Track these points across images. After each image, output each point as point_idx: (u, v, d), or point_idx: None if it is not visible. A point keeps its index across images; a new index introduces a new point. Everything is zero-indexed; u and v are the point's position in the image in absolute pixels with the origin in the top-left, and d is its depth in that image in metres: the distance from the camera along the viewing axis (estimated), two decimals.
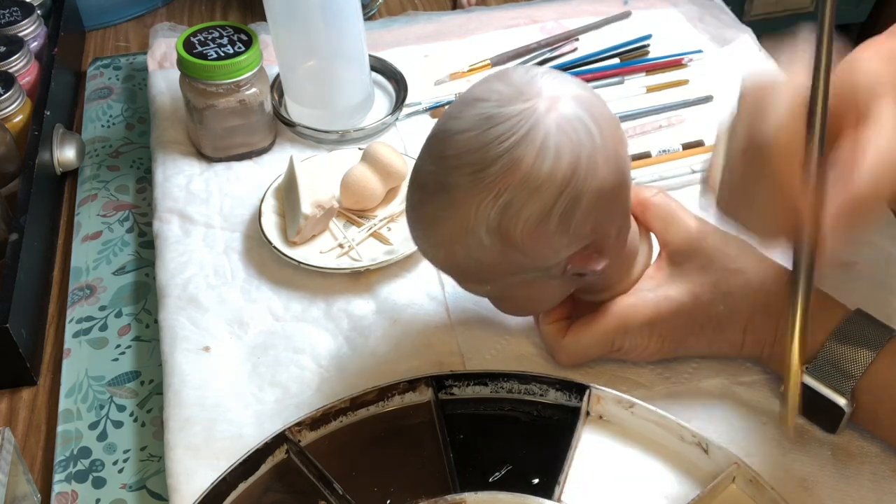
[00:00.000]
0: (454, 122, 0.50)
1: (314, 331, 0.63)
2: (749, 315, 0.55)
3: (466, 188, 0.49)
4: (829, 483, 0.53)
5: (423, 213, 0.52)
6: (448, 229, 0.50)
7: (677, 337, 0.56)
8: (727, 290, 0.54)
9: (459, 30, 0.93)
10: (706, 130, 0.78)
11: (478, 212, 0.49)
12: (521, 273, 0.52)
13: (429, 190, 0.51)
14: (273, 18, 0.75)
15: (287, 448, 0.54)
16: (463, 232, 0.50)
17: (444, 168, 0.50)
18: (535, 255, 0.50)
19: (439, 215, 0.51)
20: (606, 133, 0.49)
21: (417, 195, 0.53)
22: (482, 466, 0.53)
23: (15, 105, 0.75)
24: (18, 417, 0.61)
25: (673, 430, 0.53)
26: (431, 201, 0.51)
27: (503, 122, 0.48)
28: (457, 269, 0.54)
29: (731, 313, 0.55)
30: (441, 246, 0.52)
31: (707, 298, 0.54)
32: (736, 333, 0.56)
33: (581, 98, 0.49)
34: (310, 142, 0.80)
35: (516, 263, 0.51)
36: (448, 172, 0.49)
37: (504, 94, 0.49)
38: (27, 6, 0.86)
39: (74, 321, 0.66)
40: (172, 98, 0.83)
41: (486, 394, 0.57)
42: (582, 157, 0.48)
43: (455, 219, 0.50)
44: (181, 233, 0.70)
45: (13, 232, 0.64)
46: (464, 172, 0.49)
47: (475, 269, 0.52)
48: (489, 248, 0.50)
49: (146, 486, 0.56)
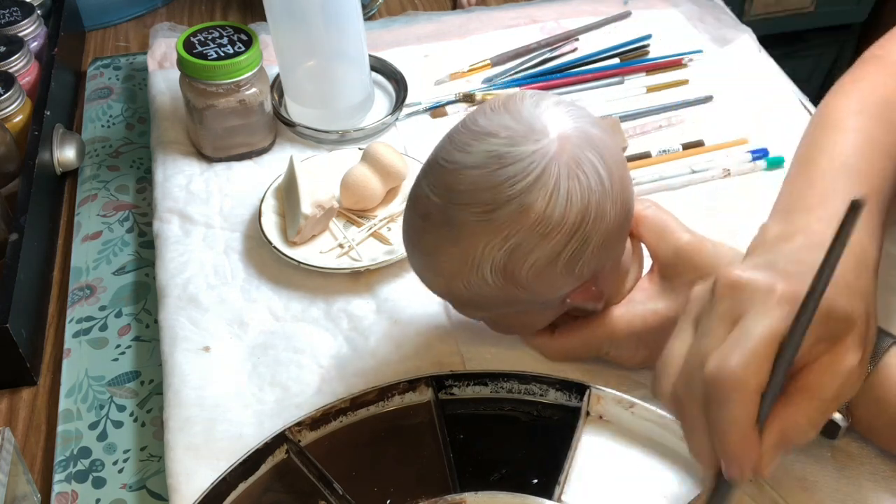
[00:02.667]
0: (462, 155, 0.50)
1: (314, 331, 0.63)
2: None
3: (474, 227, 0.49)
4: (828, 483, 0.53)
5: (425, 242, 0.52)
6: (450, 263, 0.51)
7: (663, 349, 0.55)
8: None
9: (459, 30, 0.93)
10: (706, 130, 0.78)
11: (484, 251, 0.49)
12: (518, 306, 0.53)
13: (433, 221, 0.51)
14: (273, 18, 0.75)
15: (287, 448, 0.54)
16: (466, 268, 0.50)
17: (452, 203, 0.50)
18: (537, 294, 0.52)
19: (442, 248, 0.51)
20: (615, 175, 0.50)
21: (419, 223, 0.52)
22: (482, 466, 0.54)
23: (15, 105, 0.75)
24: (18, 417, 0.61)
25: (673, 430, 0.53)
26: (435, 232, 0.51)
27: (514, 164, 0.48)
28: (454, 298, 0.55)
29: None
30: (441, 276, 0.53)
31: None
32: None
33: (591, 138, 0.50)
34: (310, 142, 0.80)
35: (516, 299, 0.52)
36: (456, 209, 0.50)
37: (514, 131, 0.49)
38: (27, 6, 0.86)
39: (74, 321, 0.66)
40: (172, 98, 0.83)
41: (486, 394, 0.57)
42: (592, 203, 0.49)
43: (459, 254, 0.50)
44: (181, 233, 0.70)
45: (13, 232, 0.64)
46: (473, 211, 0.49)
47: (473, 301, 0.53)
48: (491, 286, 0.51)
49: (146, 486, 0.56)
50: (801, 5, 1.63)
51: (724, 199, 0.72)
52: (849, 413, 0.51)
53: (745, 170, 0.74)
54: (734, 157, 0.75)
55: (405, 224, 0.55)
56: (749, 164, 0.74)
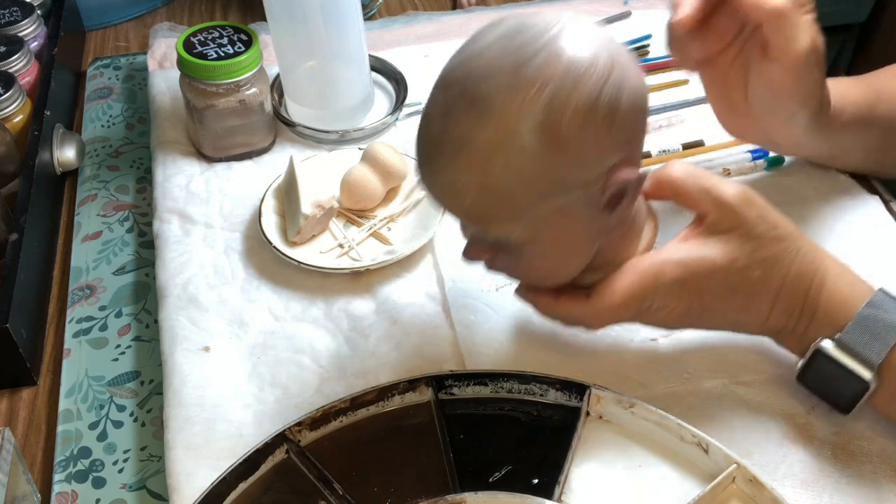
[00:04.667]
0: (474, 44, 0.48)
1: (314, 331, 0.63)
2: (782, 282, 0.53)
3: (505, 90, 0.46)
4: (829, 483, 0.53)
5: (450, 139, 0.48)
6: (484, 142, 0.47)
7: (707, 300, 0.53)
8: (764, 257, 0.53)
9: (459, 30, 0.93)
10: (706, 130, 0.78)
11: (520, 112, 0.46)
12: (559, 194, 0.49)
13: (456, 111, 0.47)
14: (273, 18, 0.75)
15: (287, 448, 0.54)
16: (503, 139, 0.46)
17: (474, 81, 0.47)
18: (580, 158, 0.47)
19: (471, 133, 0.47)
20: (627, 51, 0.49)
21: (439, 124, 0.48)
22: (482, 466, 0.54)
23: (15, 105, 0.75)
24: (18, 417, 0.61)
25: (673, 430, 0.53)
26: (460, 122, 0.47)
27: (532, 28, 0.47)
28: (486, 198, 0.49)
29: (765, 280, 0.53)
30: (473, 167, 0.47)
31: (744, 263, 0.52)
32: (765, 302, 0.54)
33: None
34: (310, 142, 0.80)
35: (558, 175, 0.48)
36: (479, 84, 0.46)
37: (522, 17, 0.48)
38: (27, 6, 0.86)
39: (74, 321, 0.66)
40: (172, 98, 0.83)
41: (486, 394, 0.57)
42: (615, 53, 0.47)
43: (493, 127, 0.46)
44: (181, 233, 0.70)
45: (13, 232, 0.64)
46: (501, 74, 0.46)
47: (510, 194, 0.48)
48: (532, 154, 0.46)
49: (146, 486, 0.56)
50: None
51: None
52: (878, 375, 0.51)
53: (745, 170, 0.74)
54: (734, 156, 0.75)
55: (419, 145, 0.50)
56: (749, 164, 0.74)
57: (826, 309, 0.53)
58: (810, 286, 0.53)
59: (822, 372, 0.53)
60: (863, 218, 0.69)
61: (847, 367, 0.51)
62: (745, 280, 0.53)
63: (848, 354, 0.51)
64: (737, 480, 0.52)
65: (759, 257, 0.53)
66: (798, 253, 0.53)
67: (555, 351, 0.61)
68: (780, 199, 0.71)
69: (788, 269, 0.53)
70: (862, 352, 0.51)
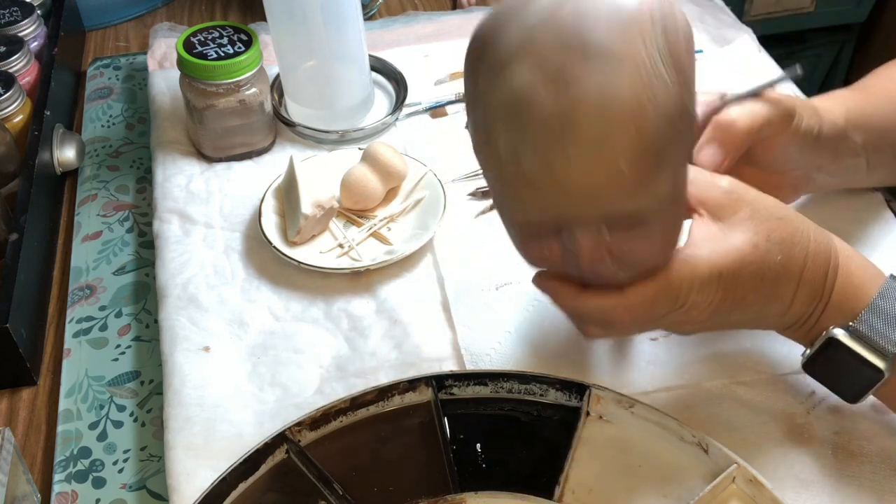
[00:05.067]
0: (534, 5, 0.43)
1: (314, 331, 0.63)
2: (803, 263, 0.51)
3: (620, 29, 0.42)
4: (829, 483, 0.53)
5: (581, 104, 0.42)
6: (629, 87, 0.42)
7: (739, 292, 0.51)
8: (781, 238, 0.51)
9: (459, 30, 0.93)
10: None
11: (646, 44, 0.42)
12: (688, 134, 0.47)
13: (571, 71, 0.42)
14: (273, 18, 0.75)
15: (287, 448, 0.54)
16: (646, 75, 0.42)
17: (575, 34, 0.42)
18: (691, 84, 0.45)
19: (608, 83, 0.42)
20: None
21: (552, 95, 0.42)
22: (482, 466, 0.54)
23: (15, 105, 0.75)
24: (18, 417, 0.61)
25: (673, 430, 0.53)
26: (586, 79, 0.42)
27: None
28: (643, 152, 0.44)
29: (787, 262, 0.51)
30: (625, 121, 0.43)
31: (765, 247, 0.50)
32: (790, 288, 0.52)
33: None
34: (310, 142, 0.80)
35: (686, 106, 0.45)
36: (586, 34, 0.42)
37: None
38: (27, 6, 0.86)
39: (74, 321, 0.66)
40: (172, 98, 0.83)
41: (486, 394, 0.57)
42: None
43: (629, 69, 0.42)
44: (181, 233, 0.71)
45: (13, 232, 0.64)
46: (605, 16, 0.42)
47: (663, 137, 0.44)
48: (670, 85, 0.43)
49: (146, 486, 0.56)
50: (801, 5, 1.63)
51: None
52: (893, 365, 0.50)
53: None
54: None
55: (511, 139, 0.44)
56: None
57: (840, 294, 0.52)
58: (828, 267, 0.52)
59: (832, 361, 0.52)
60: (864, 218, 0.69)
61: (861, 355, 0.50)
62: (770, 265, 0.51)
63: (861, 343, 0.50)
64: (737, 480, 0.52)
65: (776, 239, 0.51)
66: (810, 232, 0.52)
67: (555, 351, 0.61)
68: None
69: (807, 249, 0.51)
70: (877, 340, 0.50)
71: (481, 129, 0.47)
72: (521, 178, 0.45)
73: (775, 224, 0.51)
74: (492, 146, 0.45)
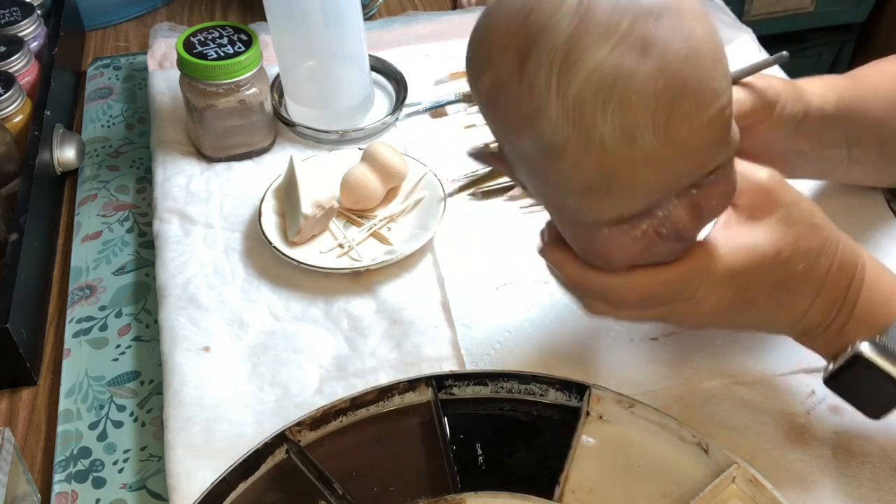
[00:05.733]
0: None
1: (314, 331, 0.63)
2: (825, 274, 0.50)
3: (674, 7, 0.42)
4: (829, 483, 0.53)
5: (677, 54, 0.41)
6: (702, 30, 0.42)
7: (752, 294, 0.50)
8: (808, 247, 0.49)
9: (459, 30, 0.93)
10: None
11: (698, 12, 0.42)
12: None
13: (653, 35, 0.41)
14: (273, 18, 0.75)
15: (287, 448, 0.54)
16: (703, 15, 0.43)
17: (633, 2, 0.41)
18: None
19: (688, 32, 0.41)
20: None
21: (653, 52, 0.40)
22: (482, 466, 0.54)
23: (15, 105, 0.75)
24: (18, 417, 0.61)
25: (673, 430, 0.53)
26: (668, 35, 0.41)
27: None
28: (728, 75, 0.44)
29: (809, 271, 0.50)
30: (713, 58, 0.43)
31: (788, 254, 0.49)
32: (806, 298, 0.51)
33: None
34: (310, 142, 0.80)
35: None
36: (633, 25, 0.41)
37: None
38: (27, 6, 0.86)
39: (74, 321, 0.66)
40: (172, 98, 0.83)
41: (486, 394, 0.57)
42: None
43: (690, 13, 0.42)
44: (181, 233, 0.71)
45: (13, 232, 0.64)
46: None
47: (728, 68, 0.44)
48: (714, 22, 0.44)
49: (146, 486, 0.56)
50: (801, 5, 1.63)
51: None
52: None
53: None
54: None
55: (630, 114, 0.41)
56: None
57: (866, 307, 0.50)
58: (852, 280, 0.50)
59: (856, 377, 0.50)
60: (866, 218, 0.69)
61: (888, 372, 0.48)
62: (790, 273, 0.50)
63: (888, 359, 0.49)
64: (737, 480, 0.52)
65: (803, 247, 0.49)
66: (839, 243, 0.50)
67: (555, 351, 0.61)
68: None
69: (832, 261, 0.50)
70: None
71: (565, 123, 0.42)
72: (638, 159, 0.42)
73: (806, 231, 0.50)
74: (586, 135, 0.42)
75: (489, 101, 0.45)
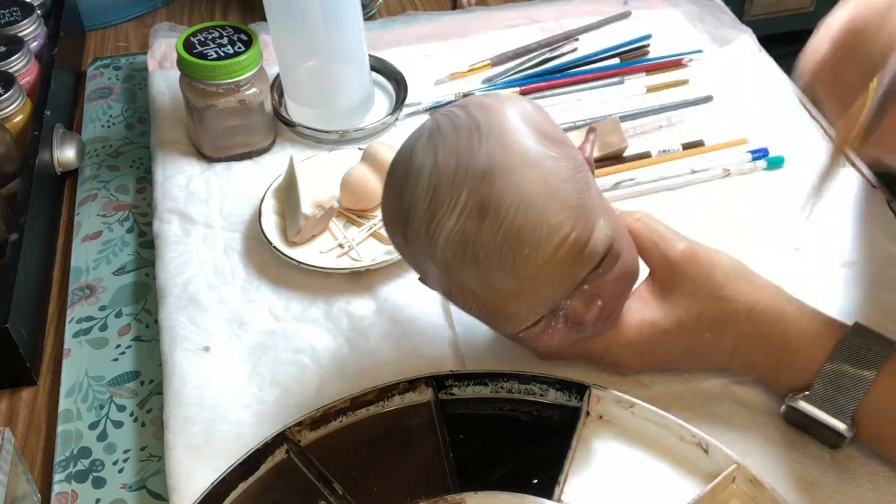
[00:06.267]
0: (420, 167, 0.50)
1: (314, 331, 0.63)
2: (735, 343, 0.55)
3: (501, 146, 0.49)
4: (829, 483, 0.53)
5: (512, 209, 0.48)
6: (535, 179, 0.48)
7: (660, 358, 0.56)
8: (713, 318, 0.54)
9: (459, 30, 0.93)
10: (706, 130, 0.78)
11: (522, 142, 0.49)
12: (591, 178, 0.53)
13: (489, 196, 0.48)
14: (273, 18, 0.75)
15: (287, 448, 0.54)
16: (538, 164, 0.49)
17: (469, 168, 0.48)
18: (569, 141, 0.53)
19: (519, 186, 0.48)
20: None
21: (490, 212, 0.48)
22: (482, 466, 0.54)
23: (15, 105, 0.75)
24: (18, 417, 0.61)
25: (673, 430, 0.53)
26: (502, 194, 0.48)
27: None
28: (572, 205, 0.50)
29: (716, 340, 0.55)
30: (548, 198, 0.49)
31: (692, 327, 0.54)
32: (721, 357, 0.56)
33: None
34: (310, 142, 0.80)
35: (576, 160, 0.51)
36: (477, 162, 0.48)
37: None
38: (27, 6, 0.86)
39: (74, 321, 0.66)
40: (172, 98, 0.83)
41: (486, 394, 0.57)
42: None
43: (525, 166, 0.48)
44: (181, 233, 0.71)
45: (13, 232, 0.64)
46: (486, 145, 0.49)
47: (578, 193, 0.50)
48: (558, 157, 0.50)
49: (146, 486, 0.56)
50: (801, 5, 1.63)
51: (725, 199, 0.72)
52: (854, 424, 0.51)
53: (745, 170, 0.74)
54: (734, 157, 0.75)
55: (482, 265, 0.49)
56: (749, 164, 0.74)
57: (791, 364, 0.53)
58: (769, 343, 0.54)
59: (802, 420, 0.53)
60: (865, 217, 0.69)
61: (821, 420, 0.52)
62: (697, 340, 0.55)
63: (820, 409, 0.52)
64: (737, 480, 0.52)
65: (706, 320, 0.54)
66: (752, 312, 0.54)
67: None
68: (779, 199, 0.71)
69: (740, 330, 0.54)
70: (831, 406, 0.51)
71: (442, 277, 0.51)
72: (503, 296, 0.50)
73: (711, 304, 0.54)
74: (459, 285, 0.50)
75: (401, 254, 0.55)
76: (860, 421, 0.51)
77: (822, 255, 0.66)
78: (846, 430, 0.51)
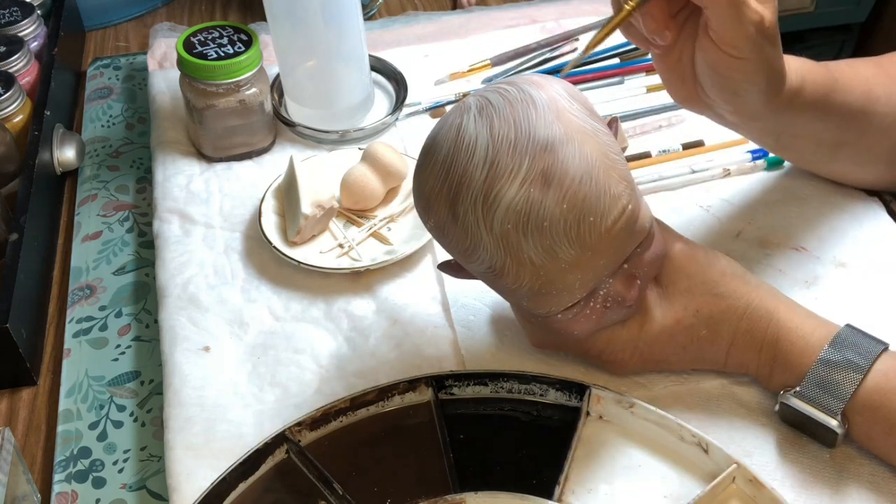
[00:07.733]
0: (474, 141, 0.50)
1: (314, 331, 0.63)
2: (731, 339, 0.55)
3: (554, 118, 0.50)
4: (829, 483, 0.53)
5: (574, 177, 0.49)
6: (592, 149, 0.49)
7: (658, 356, 0.57)
8: (709, 314, 0.55)
9: (459, 30, 0.93)
10: (706, 130, 0.78)
11: (574, 114, 0.50)
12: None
13: (550, 165, 0.48)
14: (273, 18, 0.75)
15: (287, 448, 0.54)
16: (593, 134, 0.50)
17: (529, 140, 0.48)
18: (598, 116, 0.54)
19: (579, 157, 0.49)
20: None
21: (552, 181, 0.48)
22: (482, 466, 0.54)
23: (15, 105, 0.75)
24: (18, 417, 0.61)
25: (673, 430, 0.53)
26: (562, 163, 0.48)
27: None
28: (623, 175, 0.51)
29: (713, 337, 0.55)
30: (603, 168, 0.49)
31: (689, 323, 0.55)
32: (718, 354, 0.56)
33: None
34: (310, 142, 0.80)
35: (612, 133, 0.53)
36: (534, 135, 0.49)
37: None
38: (27, 6, 0.86)
39: (74, 321, 0.66)
40: (172, 98, 0.83)
41: (486, 394, 0.57)
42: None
43: (580, 137, 0.49)
44: (181, 233, 0.71)
45: (13, 232, 0.64)
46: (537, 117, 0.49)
47: (623, 164, 0.51)
48: (605, 129, 0.51)
49: (146, 486, 0.56)
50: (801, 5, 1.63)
51: (725, 199, 0.72)
52: (845, 420, 0.51)
53: (745, 170, 0.74)
54: (734, 156, 0.75)
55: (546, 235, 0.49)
56: (749, 164, 0.74)
57: (784, 362, 0.54)
58: (763, 341, 0.54)
59: (795, 417, 0.54)
60: (863, 218, 0.69)
61: (813, 416, 0.52)
62: (693, 337, 0.55)
63: (811, 405, 0.52)
64: (737, 480, 0.52)
65: (703, 316, 0.55)
66: (747, 309, 0.54)
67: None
68: (779, 199, 0.71)
69: (736, 327, 0.55)
70: (822, 403, 0.52)
71: (497, 250, 0.50)
72: (563, 267, 0.49)
73: (707, 300, 0.55)
74: (517, 257, 0.50)
75: (437, 236, 0.54)
76: (851, 419, 0.52)
77: (818, 255, 0.66)
78: (837, 427, 0.51)
